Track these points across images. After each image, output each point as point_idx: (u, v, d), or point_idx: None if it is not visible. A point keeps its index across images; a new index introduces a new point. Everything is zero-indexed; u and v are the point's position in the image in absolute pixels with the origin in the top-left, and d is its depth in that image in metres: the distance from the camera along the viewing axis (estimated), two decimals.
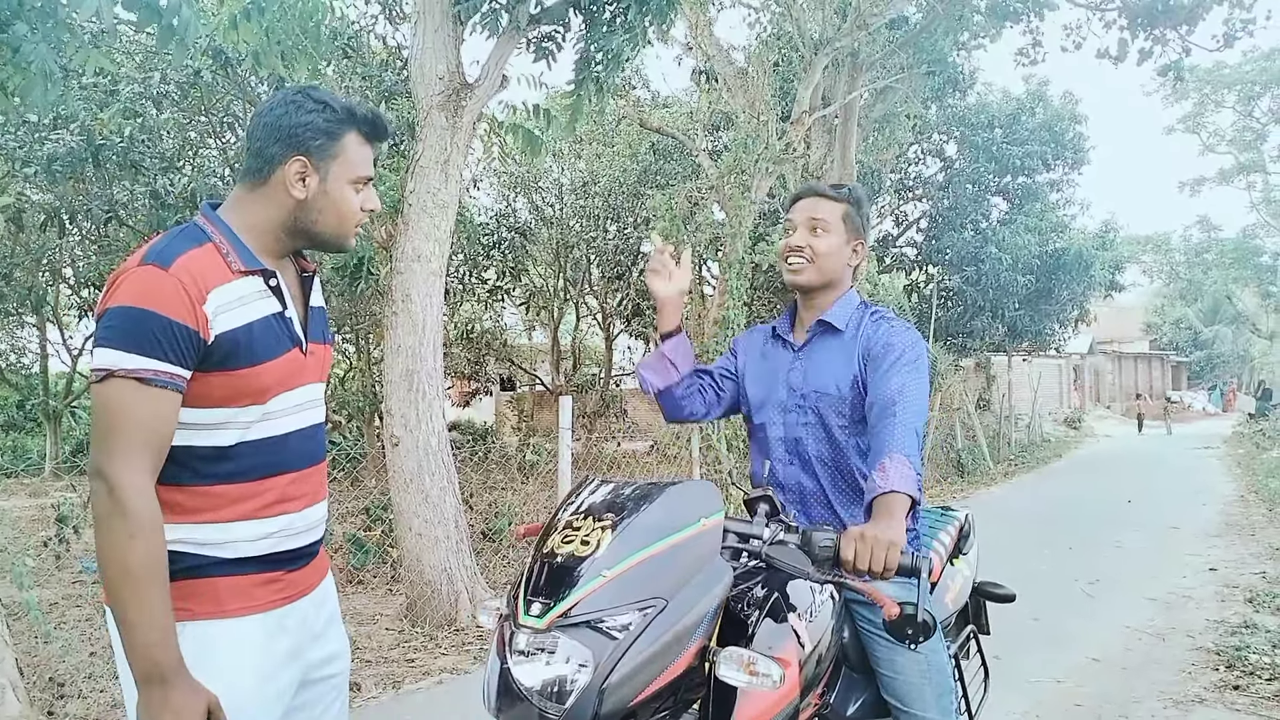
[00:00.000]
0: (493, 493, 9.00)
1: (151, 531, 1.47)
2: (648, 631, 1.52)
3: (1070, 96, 21.92)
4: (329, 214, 1.70)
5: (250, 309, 1.61)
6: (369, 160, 1.74)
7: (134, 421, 1.48)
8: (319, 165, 1.66)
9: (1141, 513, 11.23)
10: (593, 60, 6.28)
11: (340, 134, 1.67)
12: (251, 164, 1.67)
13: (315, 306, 1.81)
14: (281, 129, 1.64)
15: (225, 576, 1.61)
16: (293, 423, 1.71)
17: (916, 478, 1.87)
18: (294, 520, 1.71)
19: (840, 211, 2.29)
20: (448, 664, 5.24)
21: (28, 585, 4.73)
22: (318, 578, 1.82)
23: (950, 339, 20.88)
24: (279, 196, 1.67)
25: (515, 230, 15.39)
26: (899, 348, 2.16)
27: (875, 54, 12.81)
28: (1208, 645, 5.42)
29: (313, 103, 1.66)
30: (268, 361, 1.62)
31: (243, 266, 1.62)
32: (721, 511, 1.75)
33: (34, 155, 8.01)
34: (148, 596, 1.46)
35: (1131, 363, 47.08)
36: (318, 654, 1.79)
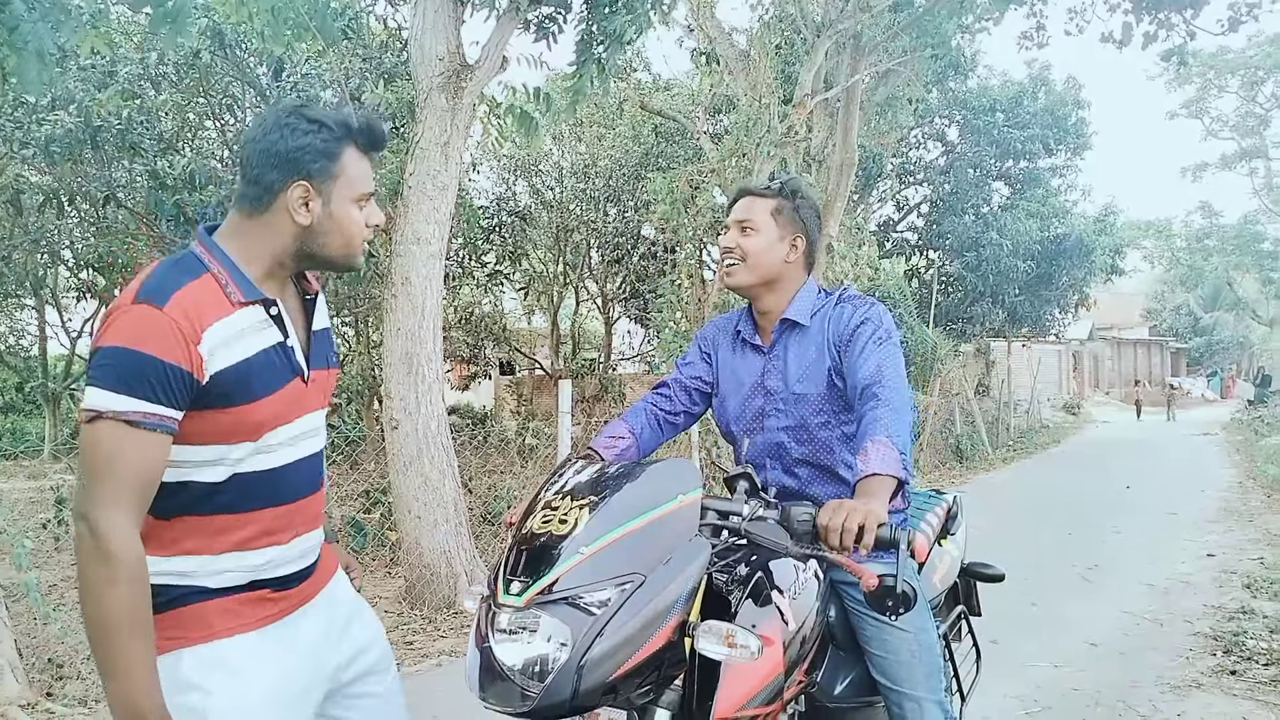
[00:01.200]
0: (492, 476, 9.00)
1: (132, 578, 1.44)
2: (626, 607, 1.53)
3: (1073, 81, 21.86)
4: (335, 236, 1.65)
5: (249, 343, 1.57)
6: (369, 174, 1.69)
7: (121, 464, 1.44)
8: (321, 188, 1.61)
9: (1140, 498, 11.26)
10: (594, 41, 6.24)
11: (338, 152, 1.62)
12: (249, 191, 1.60)
13: (319, 330, 1.76)
14: (278, 154, 1.58)
15: (210, 600, 1.59)
16: (289, 454, 1.67)
17: (900, 457, 1.85)
18: (282, 552, 1.67)
19: (770, 207, 2.23)
20: (446, 646, 5.25)
21: (27, 566, 4.73)
22: (317, 586, 1.79)
23: (950, 324, 20.89)
24: (282, 223, 1.61)
25: (515, 214, 15.36)
26: (869, 326, 2.13)
27: (878, 37, 12.73)
28: (1205, 630, 5.43)
29: (307, 123, 1.60)
30: (266, 396, 1.58)
31: (242, 298, 1.57)
32: (699, 488, 1.75)
33: (32, 137, 7.97)
34: (127, 644, 1.43)
35: (1131, 349, 47.09)
36: (342, 654, 1.78)
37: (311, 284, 1.78)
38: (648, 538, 1.61)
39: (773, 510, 1.82)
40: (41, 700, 4.15)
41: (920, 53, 13.85)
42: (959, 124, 21.28)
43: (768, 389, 2.26)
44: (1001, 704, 4.21)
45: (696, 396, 2.42)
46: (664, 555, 1.62)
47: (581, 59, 6.34)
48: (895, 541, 1.64)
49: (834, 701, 2.14)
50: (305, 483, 1.72)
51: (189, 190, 8.21)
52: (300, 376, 1.67)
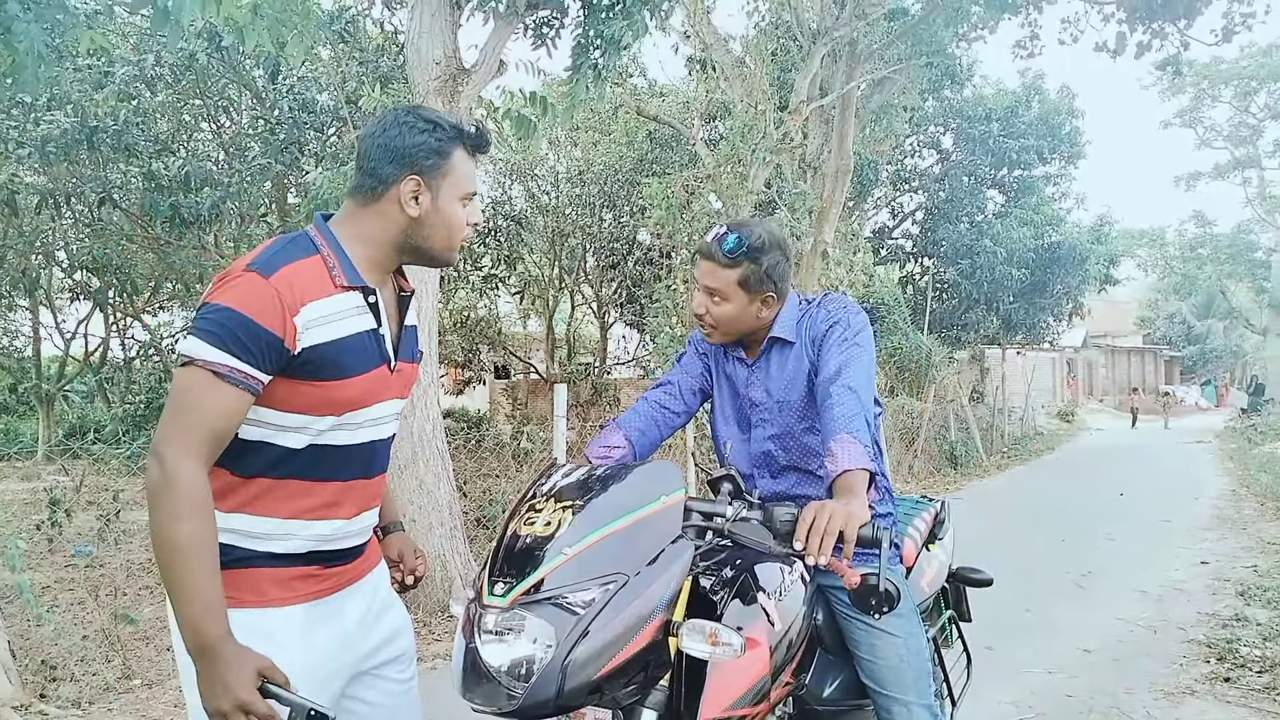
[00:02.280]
0: (487, 480, 8.99)
1: (198, 513, 1.51)
2: (609, 606, 1.54)
3: (1067, 90, 21.93)
4: (439, 230, 1.74)
5: (345, 324, 1.66)
6: (474, 175, 1.79)
7: (200, 410, 1.53)
8: (431, 184, 1.70)
9: (1133, 506, 11.28)
10: (591, 47, 6.25)
11: (450, 151, 1.72)
12: (364, 182, 1.71)
13: (409, 325, 1.86)
14: (395, 150, 1.68)
15: (267, 568, 1.66)
16: (366, 435, 1.75)
17: (865, 450, 1.86)
18: (344, 526, 1.75)
19: (735, 277, 2.16)
20: (441, 650, 5.24)
21: (21, 568, 4.71)
22: (365, 569, 1.86)
23: (945, 331, 20.93)
24: (392, 214, 1.71)
25: (511, 218, 15.35)
26: (839, 328, 2.15)
27: (873, 45, 12.77)
28: (1199, 638, 5.44)
29: (424, 123, 1.70)
30: (355, 376, 1.67)
31: (345, 282, 1.66)
32: (682, 489, 1.77)
33: (28, 137, 7.96)
34: (192, 573, 1.50)
35: (1125, 357, 47.22)
36: (371, 642, 1.84)
37: (408, 283, 1.87)
38: (631, 538, 1.63)
39: (756, 511, 1.83)
40: (35, 702, 4.13)
41: (915, 61, 13.91)
42: (954, 132, 21.34)
43: (752, 400, 2.29)
44: (996, 710, 4.21)
45: (699, 395, 2.43)
46: (648, 556, 1.63)
47: (578, 64, 6.35)
48: (877, 540, 1.65)
49: (822, 704, 2.15)
50: (375, 463, 1.81)
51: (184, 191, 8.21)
52: (388, 365, 1.75)
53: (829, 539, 1.63)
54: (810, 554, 1.64)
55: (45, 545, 7.06)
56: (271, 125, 8.59)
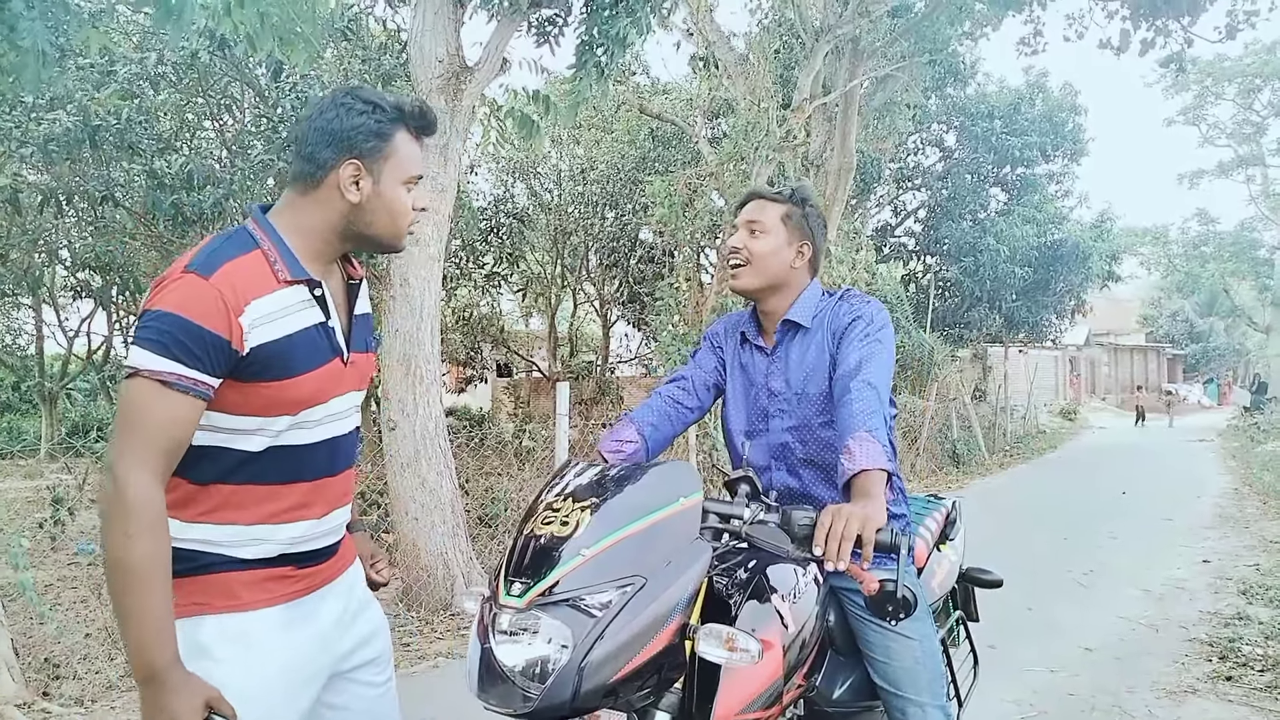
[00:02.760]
0: (489, 478, 8.99)
1: (151, 531, 1.47)
2: (627, 609, 1.53)
3: (1070, 88, 21.91)
4: (382, 215, 1.69)
5: (292, 320, 1.61)
6: (419, 157, 1.73)
7: (150, 422, 1.49)
8: (371, 167, 1.65)
9: (1136, 504, 11.26)
10: (594, 45, 6.24)
11: (391, 134, 1.66)
12: (303, 168, 1.66)
13: (360, 314, 1.80)
14: (333, 132, 1.63)
15: (237, 571, 1.63)
16: (325, 431, 1.71)
17: (884, 449, 1.86)
18: (314, 526, 1.72)
19: (780, 212, 2.25)
20: (443, 648, 5.24)
21: (24, 566, 4.72)
22: (339, 568, 1.83)
23: (947, 329, 20.91)
24: (332, 200, 1.65)
25: (513, 216, 15.36)
26: (860, 323, 2.15)
27: (876, 42, 12.76)
28: (1201, 636, 5.44)
29: (362, 104, 1.65)
30: (306, 374, 1.62)
31: (289, 276, 1.61)
32: (700, 491, 1.76)
33: (30, 135, 7.96)
34: (142, 594, 1.46)
35: (1128, 355, 47.17)
36: (347, 643, 1.80)
37: (356, 269, 1.82)
38: (649, 540, 1.61)
39: (773, 514, 1.82)
40: (38, 700, 4.14)
41: (918, 58, 13.90)
42: (957, 130, 21.33)
43: (771, 390, 2.28)
44: (998, 708, 4.21)
45: (712, 391, 2.43)
46: (665, 558, 1.62)
47: (581, 62, 6.35)
48: (895, 546, 1.64)
49: (832, 706, 2.14)
50: (339, 460, 1.76)
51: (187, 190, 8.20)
52: (340, 357, 1.71)
53: (847, 544, 1.62)
54: (829, 559, 1.63)
55: (48, 543, 7.08)
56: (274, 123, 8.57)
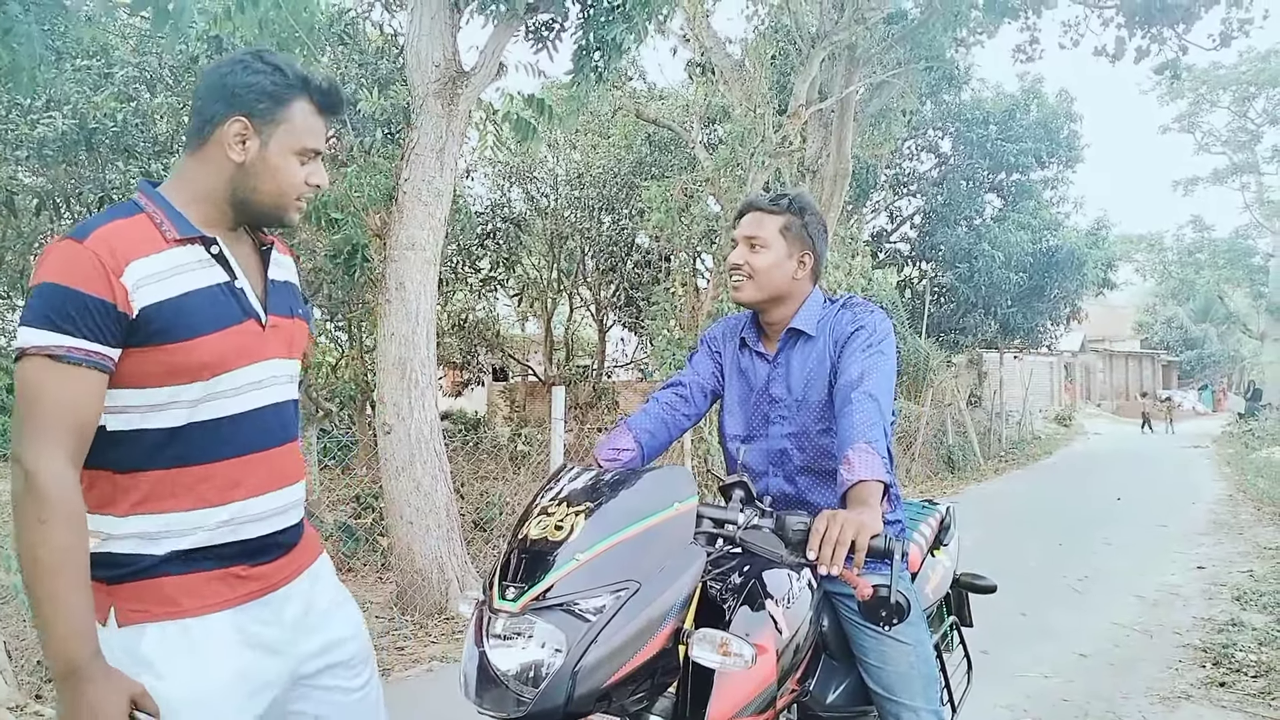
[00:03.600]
0: (484, 482, 8.99)
1: (66, 520, 1.41)
2: (621, 614, 1.53)
3: (1065, 94, 21.95)
4: (267, 181, 1.62)
5: (186, 278, 1.53)
6: (319, 132, 1.66)
7: (49, 402, 1.41)
8: (260, 128, 1.59)
9: (1130, 510, 11.29)
10: (591, 50, 6.26)
11: (288, 99, 1.60)
12: (193, 124, 1.60)
13: (277, 280, 1.73)
14: (225, 88, 1.57)
15: (175, 575, 1.54)
16: (250, 401, 1.61)
17: (883, 461, 1.87)
18: (247, 506, 1.61)
19: (779, 224, 2.25)
20: (438, 652, 5.23)
21: (16, 569, 4.70)
22: (299, 566, 1.73)
23: (942, 335, 20.93)
24: (218, 159, 1.59)
25: (509, 220, 15.36)
26: (863, 333, 2.15)
27: (872, 49, 12.79)
28: (1195, 642, 5.45)
29: (262, 64, 1.59)
30: (210, 334, 1.54)
31: (178, 235, 1.55)
32: (695, 496, 1.76)
33: (26, 138, 7.96)
34: (58, 587, 1.39)
35: (1123, 361, 47.25)
36: (309, 646, 1.71)
37: (266, 236, 1.75)
38: (643, 545, 1.61)
39: (768, 519, 1.82)
40: (30, 702, 4.12)
41: (914, 65, 13.92)
42: (952, 136, 21.35)
43: (772, 396, 2.28)
44: (992, 714, 4.21)
45: (709, 396, 2.43)
46: (659, 563, 1.62)
47: (578, 67, 6.36)
48: (889, 552, 1.64)
49: (826, 710, 2.14)
50: (271, 433, 1.67)
51: None
52: (256, 320, 1.63)
53: (841, 549, 1.62)
54: (823, 563, 1.63)
55: None
56: None
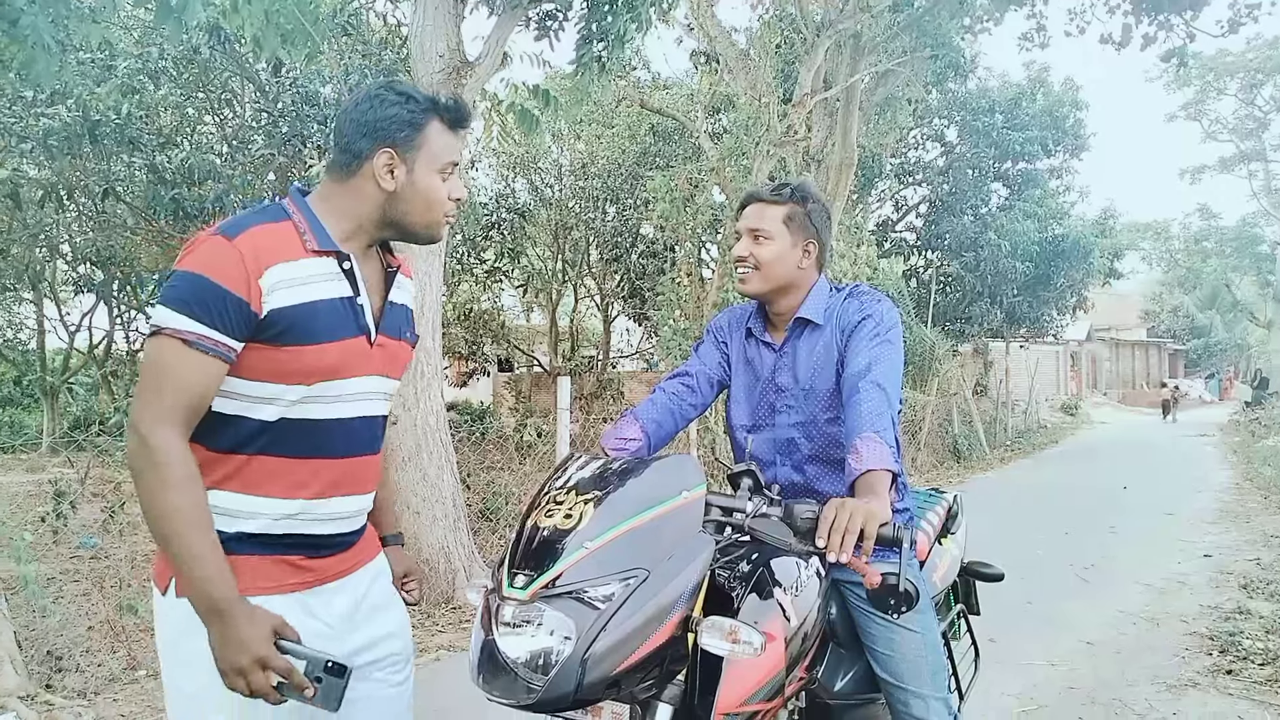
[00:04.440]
0: (490, 473, 9.00)
1: (186, 481, 1.51)
2: (630, 601, 1.53)
3: (1071, 83, 21.86)
4: (418, 204, 1.72)
5: (316, 288, 1.63)
6: (454, 147, 1.75)
7: (173, 379, 1.52)
8: (406, 156, 1.68)
9: (1137, 499, 11.27)
10: (595, 40, 6.24)
11: (424, 124, 1.69)
12: (340, 158, 1.70)
13: (396, 302, 1.82)
14: (367, 123, 1.67)
15: (244, 555, 1.63)
16: (345, 410, 1.70)
17: (891, 450, 1.87)
18: (319, 505, 1.70)
19: (782, 214, 2.23)
20: (445, 641, 5.25)
21: (26, 559, 4.74)
22: (355, 563, 1.82)
23: (948, 324, 20.89)
24: (368, 189, 1.69)
25: (514, 211, 15.36)
26: (870, 322, 2.15)
27: (878, 37, 12.75)
28: (1201, 630, 5.44)
29: (395, 95, 1.68)
30: (326, 343, 1.63)
31: (317, 246, 1.65)
32: (703, 485, 1.76)
33: (30, 131, 7.97)
34: (191, 542, 1.50)
35: (1129, 350, 47.17)
36: (354, 641, 1.79)
37: (395, 259, 1.85)
38: (652, 533, 1.61)
39: (776, 508, 1.82)
40: (41, 692, 4.15)
41: (920, 53, 13.87)
42: (958, 125, 21.28)
43: (779, 385, 2.27)
44: (999, 702, 4.22)
45: (716, 386, 2.42)
46: (668, 551, 1.62)
47: (582, 57, 6.35)
48: (898, 540, 1.64)
49: (834, 698, 2.15)
50: (358, 443, 1.75)
51: (187, 185, 8.21)
52: (366, 336, 1.71)
53: (850, 537, 1.63)
54: (831, 551, 1.64)
55: (50, 537, 7.08)
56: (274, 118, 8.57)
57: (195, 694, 1.61)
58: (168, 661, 1.66)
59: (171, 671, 1.65)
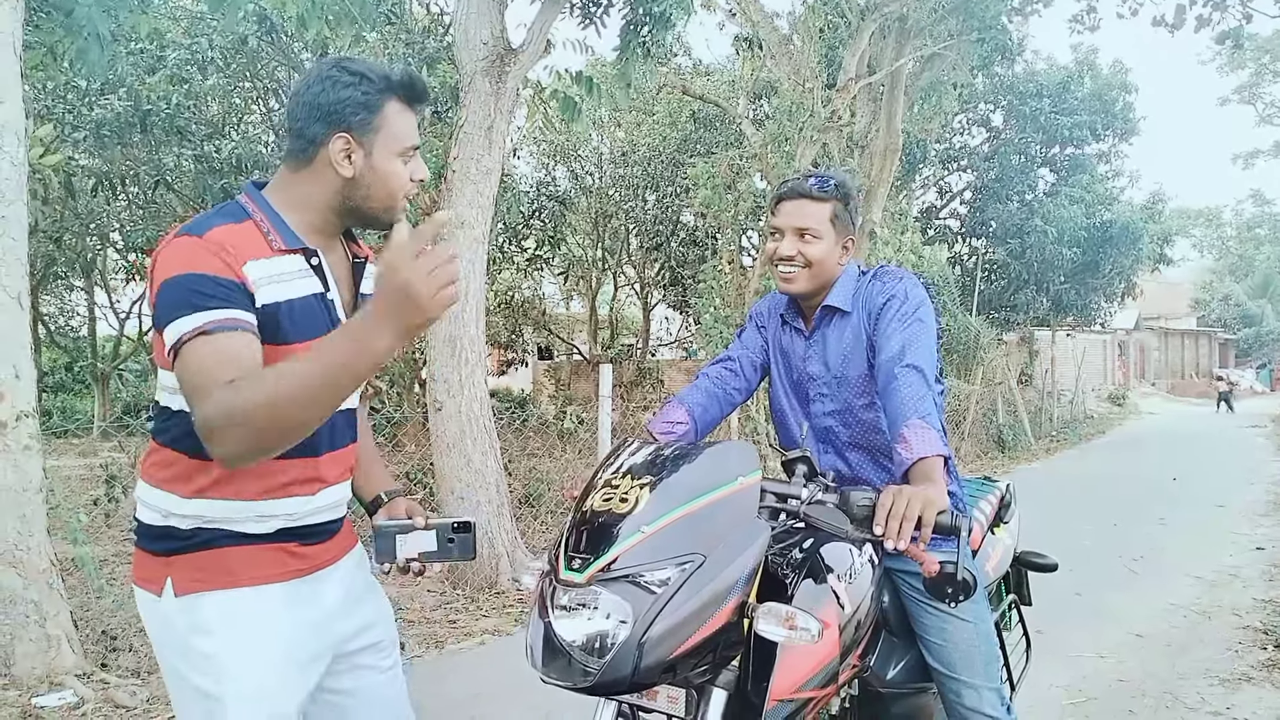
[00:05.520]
0: (531, 459, 9.05)
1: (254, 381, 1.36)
2: (686, 586, 1.53)
3: (1120, 65, 21.44)
4: (378, 189, 1.64)
5: (289, 286, 1.57)
6: (413, 127, 1.67)
7: (212, 369, 1.40)
8: (363, 140, 1.60)
9: (1187, 490, 11.07)
10: (639, 25, 6.22)
11: (380, 105, 1.61)
12: (294, 145, 1.62)
13: (367, 294, 1.75)
14: (320, 106, 1.58)
15: (235, 547, 1.60)
16: None
17: (939, 434, 1.84)
18: (306, 503, 1.67)
19: (828, 212, 2.17)
20: (489, 625, 5.29)
21: (82, 540, 4.84)
22: (342, 550, 1.81)
23: (993, 313, 20.63)
24: (326, 175, 1.62)
25: (555, 199, 15.39)
26: (895, 302, 2.10)
27: (924, 20, 12.56)
28: (1255, 624, 5.34)
29: (348, 75, 1.59)
30: (299, 342, 1.57)
31: (283, 245, 1.58)
32: (759, 471, 1.75)
33: (83, 121, 8.12)
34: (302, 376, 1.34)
35: (1178, 339, 46.30)
36: (348, 626, 1.78)
37: (362, 248, 1.78)
38: (708, 519, 1.61)
39: (832, 494, 1.81)
40: (96, 670, 4.25)
41: (967, 36, 13.65)
42: (1004, 109, 20.96)
43: (810, 374, 2.26)
44: (1046, 694, 4.16)
45: (759, 370, 2.41)
46: (724, 536, 1.61)
47: (626, 43, 6.33)
48: (956, 528, 1.63)
49: (886, 686, 2.13)
50: (339, 436, 1.73)
51: (236, 174, 8.32)
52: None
53: (908, 524, 1.61)
54: (889, 538, 1.62)
55: (103, 520, 7.24)
56: None
57: (219, 694, 1.58)
58: (180, 665, 1.61)
59: (186, 675, 1.60)
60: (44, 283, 13.78)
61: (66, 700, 3.95)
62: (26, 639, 4.07)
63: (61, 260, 12.94)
